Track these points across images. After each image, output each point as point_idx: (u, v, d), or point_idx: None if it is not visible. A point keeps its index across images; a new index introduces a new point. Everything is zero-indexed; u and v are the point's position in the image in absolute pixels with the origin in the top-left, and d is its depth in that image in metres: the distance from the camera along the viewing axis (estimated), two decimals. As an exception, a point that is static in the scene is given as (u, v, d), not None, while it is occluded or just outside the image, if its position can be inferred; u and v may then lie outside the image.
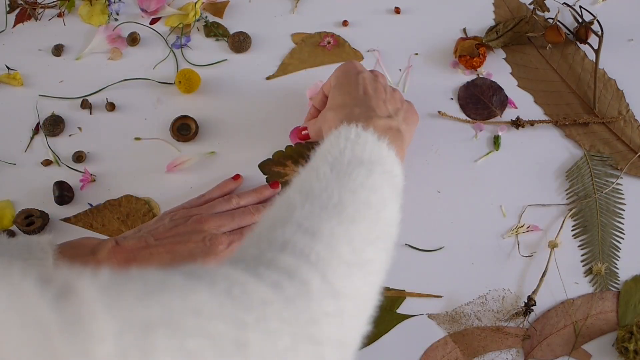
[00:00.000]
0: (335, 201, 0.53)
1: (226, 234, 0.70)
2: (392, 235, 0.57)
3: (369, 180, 0.57)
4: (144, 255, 0.67)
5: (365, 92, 0.69)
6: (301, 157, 0.79)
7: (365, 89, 0.69)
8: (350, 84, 0.70)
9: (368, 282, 0.52)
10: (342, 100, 0.69)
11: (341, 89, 0.70)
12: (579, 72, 0.83)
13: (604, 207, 0.77)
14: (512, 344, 0.71)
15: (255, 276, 0.45)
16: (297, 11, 0.89)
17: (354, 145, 0.60)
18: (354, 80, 0.70)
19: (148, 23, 0.89)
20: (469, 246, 0.75)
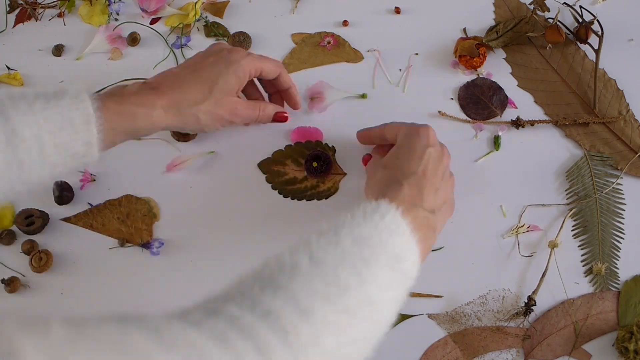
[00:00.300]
0: (342, 285, 0.50)
1: (250, 53, 0.74)
2: (378, 339, 0.54)
3: (385, 275, 0.53)
4: (170, 79, 0.70)
5: (424, 173, 0.64)
6: (300, 156, 0.79)
7: (426, 169, 0.65)
8: (415, 153, 0.65)
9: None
10: (399, 165, 0.65)
11: (403, 152, 0.66)
12: (579, 72, 0.83)
13: (604, 207, 0.77)
14: (512, 344, 0.71)
15: (221, 342, 0.42)
16: (297, 11, 0.89)
17: (386, 230, 0.56)
18: (419, 151, 0.66)
19: (148, 23, 0.89)
20: (469, 246, 0.75)
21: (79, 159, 0.63)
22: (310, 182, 0.78)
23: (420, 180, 0.64)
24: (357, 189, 0.78)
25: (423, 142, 0.66)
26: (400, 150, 0.67)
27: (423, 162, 0.65)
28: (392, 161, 0.66)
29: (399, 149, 0.67)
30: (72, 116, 0.61)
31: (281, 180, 0.79)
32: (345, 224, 0.56)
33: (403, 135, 0.68)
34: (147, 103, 0.67)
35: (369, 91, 0.83)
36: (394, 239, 0.56)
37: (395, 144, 0.68)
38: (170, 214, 0.78)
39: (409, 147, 0.66)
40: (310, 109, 0.82)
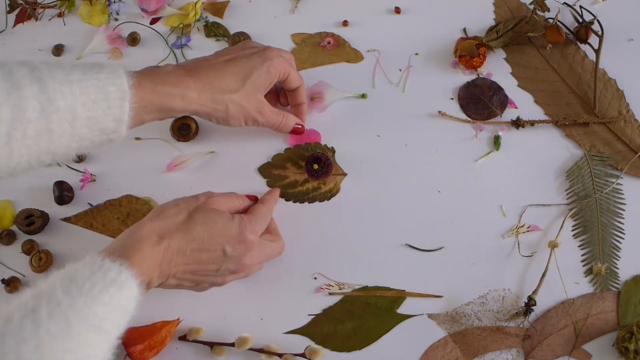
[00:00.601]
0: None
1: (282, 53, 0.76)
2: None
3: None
4: (205, 66, 0.71)
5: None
6: (300, 159, 0.79)
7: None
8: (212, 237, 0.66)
9: None
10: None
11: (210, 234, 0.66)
12: (579, 72, 0.83)
13: (604, 207, 0.77)
14: (512, 344, 0.71)
15: None
16: (297, 11, 0.89)
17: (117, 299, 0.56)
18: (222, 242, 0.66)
19: (148, 23, 0.89)
20: (469, 246, 0.75)
21: (107, 134, 0.63)
22: (312, 185, 0.78)
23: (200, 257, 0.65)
24: (359, 188, 0.78)
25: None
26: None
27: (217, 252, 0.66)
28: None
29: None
30: (108, 90, 0.61)
31: (282, 183, 0.78)
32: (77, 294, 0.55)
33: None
34: (182, 84, 0.68)
35: (369, 91, 0.83)
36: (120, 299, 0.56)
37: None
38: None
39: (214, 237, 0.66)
40: (310, 109, 0.82)
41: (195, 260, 0.64)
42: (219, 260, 0.66)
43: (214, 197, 0.68)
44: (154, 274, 0.61)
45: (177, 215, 0.65)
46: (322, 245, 0.76)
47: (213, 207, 0.67)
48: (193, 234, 0.64)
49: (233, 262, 0.66)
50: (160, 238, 0.62)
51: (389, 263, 0.75)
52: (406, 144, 0.80)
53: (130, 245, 0.60)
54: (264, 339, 0.71)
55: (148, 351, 0.69)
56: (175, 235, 0.63)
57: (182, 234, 0.63)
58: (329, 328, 0.72)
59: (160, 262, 0.61)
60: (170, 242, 0.62)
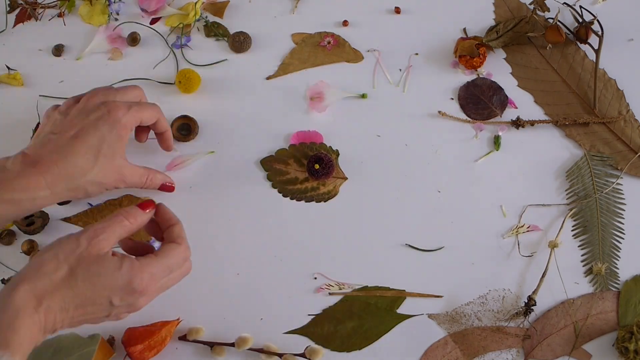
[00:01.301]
0: None
1: (123, 102, 0.68)
2: None
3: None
4: (52, 150, 0.65)
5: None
6: (304, 157, 0.79)
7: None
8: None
9: None
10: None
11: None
12: (579, 72, 0.83)
13: (604, 207, 0.77)
14: (512, 344, 0.71)
15: None
16: (297, 11, 0.89)
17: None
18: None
19: (148, 23, 0.89)
20: (469, 246, 0.75)
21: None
22: (311, 184, 0.78)
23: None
24: (357, 194, 0.78)
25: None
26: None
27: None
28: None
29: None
30: None
31: (282, 179, 0.79)
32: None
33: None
34: (31, 185, 0.63)
35: (369, 91, 0.83)
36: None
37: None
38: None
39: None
40: (310, 109, 0.82)
41: (81, 314, 0.60)
42: (106, 310, 0.60)
43: (97, 235, 0.61)
44: (39, 338, 0.58)
45: (55, 271, 0.58)
46: (322, 245, 0.76)
47: (96, 251, 0.60)
48: (74, 290, 0.58)
49: (124, 309, 0.62)
50: (39, 301, 0.57)
51: (389, 263, 0.75)
52: (406, 144, 0.80)
53: (7, 325, 0.55)
54: (264, 339, 0.71)
55: (148, 351, 0.69)
56: (55, 295, 0.57)
57: (63, 293, 0.58)
58: (329, 328, 0.72)
59: (43, 327, 0.57)
60: (50, 303, 0.57)
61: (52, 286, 0.58)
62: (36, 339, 0.57)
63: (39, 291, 0.57)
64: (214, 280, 0.74)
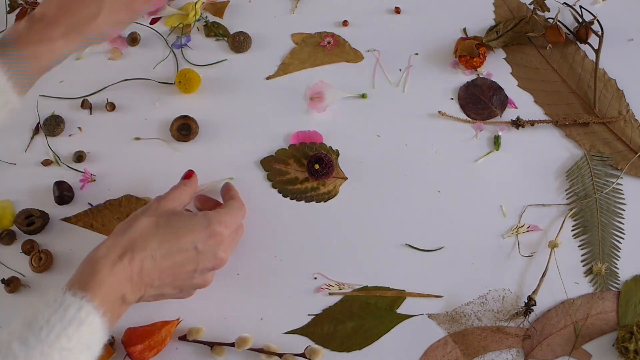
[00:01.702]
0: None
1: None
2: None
3: None
4: (56, 4, 0.66)
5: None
6: (304, 157, 0.79)
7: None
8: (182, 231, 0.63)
9: None
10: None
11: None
12: (579, 72, 0.83)
13: (604, 207, 0.77)
14: (512, 344, 0.71)
15: None
16: (297, 11, 0.89)
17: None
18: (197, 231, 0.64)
19: (148, 23, 0.89)
20: (469, 246, 0.75)
21: (2, 108, 0.62)
22: (311, 184, 0.78)
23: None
24: (357, 194, 0.78)
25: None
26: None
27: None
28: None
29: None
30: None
31: (282, 179, 0.79)
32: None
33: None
34: (45, 38, 0.63)
35: (369, 91, 0.83)
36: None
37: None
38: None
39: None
40: (310, 109, 0.82)
41: (169, 265, 0.62)
42: (193, 259, 0.63)
43: (164, 198, 0.66)
44: (124, 290, 0.59)
45: (135, 226, 0.62)
46: (322, 245, 0.76)
47: (171, 207, 0.64)
48: (159, 237, 0.61)
49: (208, 258, 0.64)
50: (122, 253, 0.59)
51: (389, 263, 0.75)
52: (406, 144, 0.80)
53: (89, 272, 0.58)
54: (264, 339, 0.71)
55: (148, 351, 0.69)
56: (139, 244, 0.60)
57: (147, 240, 0.61)
58: (329, 328, 0.72)
59: (129, 276, 0.59)
60: (135, 253, 0.60)
61: (136, 237, 0.61)
62: (122, 287, 0.59)
63: (120, 244, 0.60)
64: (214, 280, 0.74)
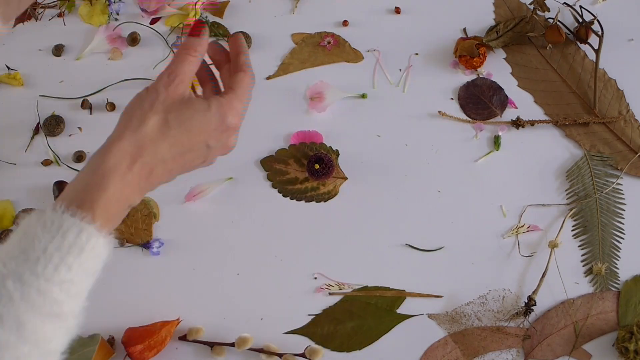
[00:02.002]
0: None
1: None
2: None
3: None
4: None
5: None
6: (304, 157, 0.79)
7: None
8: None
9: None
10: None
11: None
12: (579, 72, 0.83)
13: (604, 207, 0.77)
14: (512, 344, 0.71)
15: None
16: (297, 11, 0.89)
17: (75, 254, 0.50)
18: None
19: (148, 23, 0.89)
20: (469, 246, 0.75)
21: None
22: (311, 184, 0.78)
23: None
24: (357, 194, 0.78)
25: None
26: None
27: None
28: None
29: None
30: None
31: (282, 179, 0.79)
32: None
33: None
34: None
35: (369, 91, 0.83)
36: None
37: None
38: (170, 214, 0.78)
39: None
40: (310, 109, 0.82)
41: (179, 164, 0.57)
42: (203, 155, 0.59)
43: (171, 80, 0.57)
44: (131, 199, 0.54)
45: (146, 122, 0.55)
46: (322, 245, 0.76)
47: (179, 95, 0.57)
48: (170, 139, 0.56)
49: (219, 149, 0.60)
50: (133, 158, 0.54)
51: (389, 263, 0.75)
52: (406, 144, 0.80)
53: (95, 186, 0.52)
54: (264, 339, 0.71)
55: (148, 351, 0.69)
56: (150, 150, 0.55)
57: (158, 144, 0.55)
58: (329, 328, 0.72)
59: (137, 183, 0.54)
60: (146, 158, 0.54)
61: (147, 139, 0.55)
62: (130, 200, 0.54)
63: (132, 147, 0.54)
64: (214, 280, 0.74)
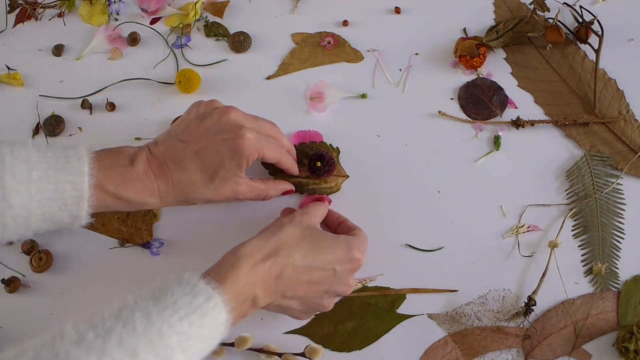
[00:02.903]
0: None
1: (253, 133, 0.68)
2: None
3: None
4: (174, 160, 0.67)
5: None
6: (304, 157, 0.79)
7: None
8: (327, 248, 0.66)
9: None
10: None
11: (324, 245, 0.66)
12: (579, 72, 0.83)
13: (604, 207, 0.77)
14: (512, 344, 0.71)
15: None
16: (297, 11, 0.89)
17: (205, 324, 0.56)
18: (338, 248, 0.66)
19: (148, 23, 0.89)
20: (469, 246, 0.75)
21: (64, 225, 0.64)
22: (313, 182, 0.78)
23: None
24: (356, 194, 0.78)
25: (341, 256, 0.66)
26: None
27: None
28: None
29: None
30: (64, 189, 0.61)
31: (284, 178, 0.78)
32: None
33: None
34: (146, 193, 0.66)
35: (369, 91, 0.83)
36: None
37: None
38: (170, 214, 0.78)
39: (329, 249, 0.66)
40: (310, 109, 0.82)
41: (307, 279, 0.63)
42: (329, 279, 0.65)
43: (307, 211, 0.68)
44: (258, 292, 0.60)
45: (282, 233, 0.63)
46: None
47: (313, 223, 0.67)
48: (303, 249, 0.63)
49: (341, 282, 0.66)
50: (267, 255, 0.61)
51: (389, 263, 0.74)
52: (406, 144, 0.80)
53: (229, 265, 0.60)
54: (264, 338, 0.71)
55: (148, 351, 0.69)
56: (284, 251, 0.62)
57: (292, 249, 0.62)
58: (329, 328, 0.72)
59: (266, 279, 0.60)
60: (278, 258, 0.61)
61: (283, 242, 0.62)
62: (256, 288, 0.60)
63: (266, 246, 0.62)
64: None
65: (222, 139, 0.67)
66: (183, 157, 0.67)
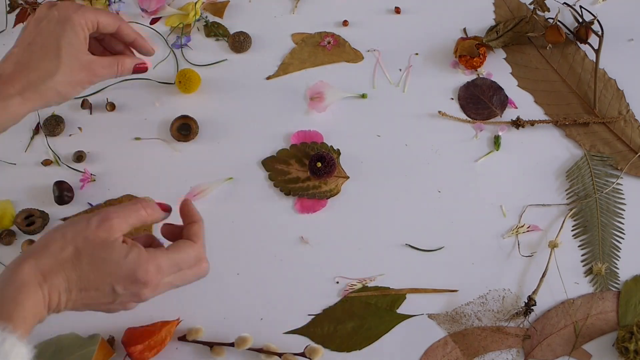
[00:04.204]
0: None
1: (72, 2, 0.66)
2: None
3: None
4: (13, 61, 0.65)
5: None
6: (305, 157, 0.79)
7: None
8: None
9: None
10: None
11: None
12: (579, 72, 0.83)
13: (604, 207, 0.77)
14: (512, 344, 0.71)
15: None
16: (297, 11, 0.89)
17: None
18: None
19: (148, 23, 0.89)
20: (469, 246, 0.75)
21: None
22: (313, 182, 0.78)
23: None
24: (358, 188, 0.78)
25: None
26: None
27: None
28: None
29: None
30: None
31: (284, 179, 0.78)
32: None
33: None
34: (1, 95, 0.63)
35: (369, 91, 0.83)
36: None
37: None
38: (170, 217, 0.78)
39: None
40: (310, 109, 0.82)
41: (84, 297, 0.58)
42: (109, 296, 0.59)
43: (109, 219, 0.58)
44: (43, 314, 0.57)
45: (62, 250, 0.57)
46: (322, 245, 0.75)
47: (106, 235, 0.58)
48: (78, 272, 0.57)
49: (128, 297, 0.59)
50: (44, 277, 0.56)
51: (389, 263, 0.75)
52: (406, 144, 0.80)
53: (11, 299, 0.55)
54: (264, 339, 0.71)
55: (148, 351, 0.69)
56: (60, 274, 0.56)
57: (67, 273, 0.57)
58: (329, 328, 0.72)
59: (48, 302, 0.57)
60: (55, 281, 0.56)
61: (57, 265, 0.57)
62: (40, 315, 0.56)
63: (44, 268, 0.56)
64: (214, 280, 0.74)
65: (47, 22, 0.66)
66: (19, 54, 0.66)
